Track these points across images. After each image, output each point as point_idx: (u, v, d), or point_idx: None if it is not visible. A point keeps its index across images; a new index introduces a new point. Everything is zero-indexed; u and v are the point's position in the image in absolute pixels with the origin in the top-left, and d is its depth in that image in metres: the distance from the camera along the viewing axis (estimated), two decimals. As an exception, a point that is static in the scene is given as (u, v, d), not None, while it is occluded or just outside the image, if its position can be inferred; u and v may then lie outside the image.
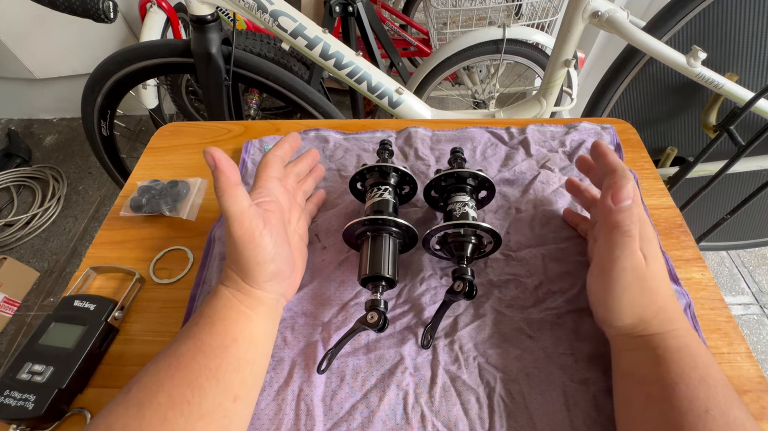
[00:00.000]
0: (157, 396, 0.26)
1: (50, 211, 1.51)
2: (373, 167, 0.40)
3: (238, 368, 0.28)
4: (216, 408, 0.27)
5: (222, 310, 0.30)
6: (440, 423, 0.31)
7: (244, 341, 0.30)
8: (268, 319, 0.32)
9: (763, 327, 1.24)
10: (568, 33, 0.78)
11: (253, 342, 0.30)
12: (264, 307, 0.32)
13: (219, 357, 0.28)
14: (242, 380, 0.29)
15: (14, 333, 1.22)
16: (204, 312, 0.30)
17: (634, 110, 0.87)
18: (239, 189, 0.29)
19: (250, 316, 0.31)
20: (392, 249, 0.36)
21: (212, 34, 0.77)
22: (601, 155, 0.34)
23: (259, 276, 0.31)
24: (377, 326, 0.31)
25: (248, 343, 0.30)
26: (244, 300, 0.31)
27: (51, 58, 1.56)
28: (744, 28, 0.73)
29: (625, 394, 0.29)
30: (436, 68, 1.13)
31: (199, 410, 0.26)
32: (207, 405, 0.26)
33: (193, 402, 0.26)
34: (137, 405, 0.25)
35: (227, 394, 0.27)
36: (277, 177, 0.37)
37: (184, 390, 0.26)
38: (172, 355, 0.28)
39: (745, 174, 0.88)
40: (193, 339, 0.28)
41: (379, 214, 0.37)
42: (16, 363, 0.32)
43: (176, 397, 0.26)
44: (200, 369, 0.27)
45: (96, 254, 0.42)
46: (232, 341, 0.29)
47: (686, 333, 0.29)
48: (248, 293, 0.31)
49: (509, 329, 0.35)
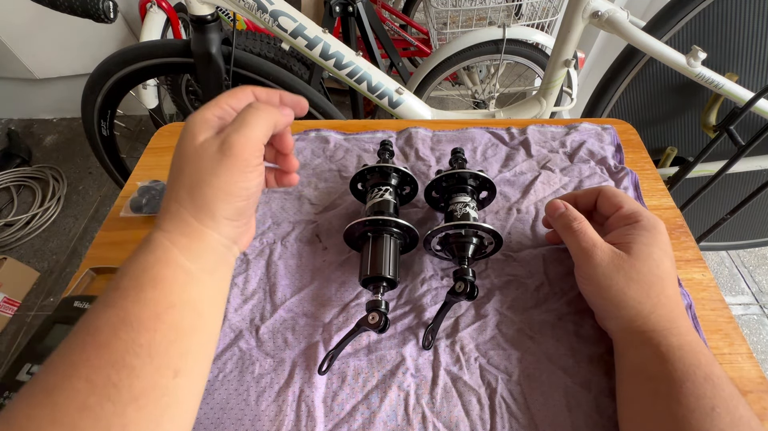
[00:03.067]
0: (72, 380, 0.21)
1: (50, 211, 1.50)
2: (373, 168, 0.40)
3: (177, 339, 0.24)
4: (152, 388, 0.22)
5: (154, 267, 0.24)
6: (441, 424, 0.31)
7: (184, 307, 0.24)
8: (216, 274, 0.27)
9: (763, 326, 1.24)
10: (568, 33, 0.78)
11: (196, 308, 0.25)
12: (211, 256, 0.27)
13: (151, 329, 0.23)
14: (183, 352, 0.24)
15: (14, 333, 1.22)
16: (128, 272, 0.24)
17: (634, 110, 0.87)
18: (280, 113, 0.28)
19: (191, 272, 0.25)
20: (393, 250, 0.36)
21: (212, 34, 0.77)
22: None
23: (223, 208, 0.26)
24: (378, 327, 0.31)
25: (189, 309, 0.25)
26: (185, 249, 0.25)
27: (51, 58, 1.56)
28: (744, 28, 0.73)
29: (631, 391, 0.29)
30: (436, 68, 1.13)
31: (129, 392, 0.21)
32: (140, 386, 0.22)
33: (121, 384, 0.21)
34: (46, 391, 0.21)
35: (165, 370, 0.23)
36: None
37: (107, 371, 0.21)
38: (87, 330, 0.22)
39: (745, 174, 0.88)
40: (114, 309, 0.23)
41: (380, 214, 0.37)
42: (17, 364, 0.32)
43: (98, 380, 0.21)
44: (126, 345, 0.22)
45: (96, 255, 0.42)
46: (167, 308, 0.24)
47: (687, 331, 0.29)
48: (195, 236, 0.26)
49: (510, 330, 0.35)
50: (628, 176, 0.46)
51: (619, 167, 0.47)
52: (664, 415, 0.26)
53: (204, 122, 0.27)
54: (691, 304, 0.36)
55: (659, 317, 0.29)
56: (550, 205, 0.37)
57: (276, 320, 0.36)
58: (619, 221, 0.34)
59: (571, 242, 0.34)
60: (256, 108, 0.27)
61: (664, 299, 0.30)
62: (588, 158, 0.48)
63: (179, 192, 0.26)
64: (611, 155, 0.48)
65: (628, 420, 0.29)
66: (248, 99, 0.30)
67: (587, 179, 0.46)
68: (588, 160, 0.48)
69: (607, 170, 0.47)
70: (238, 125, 0.26)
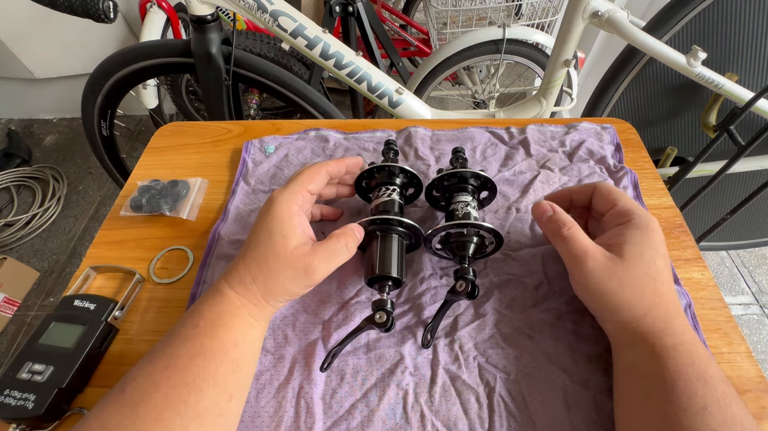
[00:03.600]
0: (153, 396, 0.26)
1: (50, 211, 1.51)
2: (382, 167, 0.40)
3: (236, 370, 0.29)
4: (212, 408, 0.27)
5: (227, 317, 0.30)
6: (440, 422, 0.31)
7: (245, 346, 0.30)
8: (266, 324, 0.33)
9: (763, 326, 1.24)
10: (568, 33, 0.78)
11: (252, 347, 0.31)
12: (267, 317, 0.33)
13: (218, 360, 0.28)
14: (238, 381, 0.29)
15: (14, 333, 1.22)
16: (205, 315, 0.30)
17: (634, 110, 0.88)
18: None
19: (253, 324, 0.31)
20: (400, 250, 0.36)
21: (212, 34, 0.77)
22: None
23: (285, 298, 0.32)
24: (385, 326, 0.31)
25: (247, 347, 0.30)
26: (252, 311, 0.31)
27: (51, 58, 1.56)
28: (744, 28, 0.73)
29: (625, 389, 0.29)
30: (436, 68, 1.13)
31: (195, 409, 0.26)
32: (203, 405, 0.26)
33: (190, 401, 0.26)
34: (132, 404, 0.25)
35: (224, 394, 0.28)
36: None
37: (181, 390, 0.26)
38: (169, 356, 0.28)
39: (745, 174, 0.88)
40: (192, 342, 0.28)
41: (386, 214, 0.37)
42: (17, 362, 0.32)
43: (172, 397, 0.26)
44: (198, 371, 0.27)
45: (96, 254, 0.42)
46: (232, 346, 0.29)
47: (682, 330, 0.29)
48: (261, 307, 0.31)
49: (509, 329, 0.35)
50: (627, 176, 0.46)
51: (619, 167, 0.47)
52: (657, 414, 0.26)
53: (291, 217, 0.32)
54: (690, 303, 0.36)
55: (654, 318, 0.29)
56: (537, 207, 0.36)
57: (276, 317, 0.36)
58: (613, 219, 0.34)
59: (562, 249, 0.33)
60: (345, 248, 0.33)
61: (658, 299, 0.30)
62: (587, 158, 0.48)
63: (257, 274, 0.31)
64: (611, 155, 0.48)
65: (622, 418, 0.29)
66: (324, 180, 0.37)
67: (587, 178, 0.46)
68: (587, 159, 0.48)
69: (606, 170, 0.47)
70: (326, 257, 0.32)
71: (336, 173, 0.38)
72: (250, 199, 0.46)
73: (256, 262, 0.31)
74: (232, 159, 0.51)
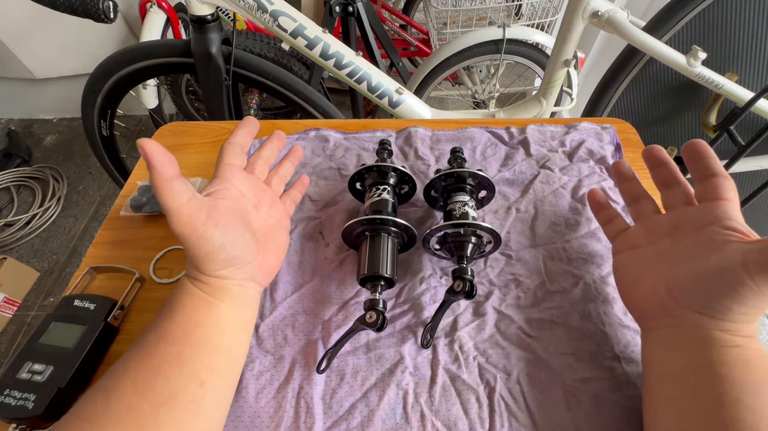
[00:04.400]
0: (122, 382, 0.26)
1: (50, 211, 1.51)
2: (371, 167, 0.40)
3: (202, 352, 0.28)
4: (181, 393, 0.27)
5: (182, 298, 0.30)
6: (440, 422, 0.31)
7: (208, 326, 0.29)
8: (235, 305, 0.31)
9: (763, 327, 1.24)
10: (568, 33, 0.78)
11: (219, 326, 0.30)
12: (227, 293, 0.31)
13: (180, 343, 0.28)
14: (209, 365, 0.28)
15: (14, 333, 1.22)
16: (167, 303, 0.30)
17: (634, 110, 0.88)
18: (175, 183, 0.28)
19: (211, 302, 0.30)
20: (391, 249, 0.36)
21: (212, 34, 0.77)
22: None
23: (209, 266, 0.30)
24: (376, 325, 0.31)
25: (213, 327, 0.30)
26: (204, 288, 0.30)
27: (51, 58, 1.56)
28: (744, 28, 0.73)
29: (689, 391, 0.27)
30: (436, 68, 1.13)
31: (162, 395, 0.26)
32: (170, 390, 0.26)
33: (156, 387, 0.26)
34: (103, 391, 0.26)
35: (192, 379, 0.27)
36: (233, 164, 0.35)
37: (147, 376, 0.26)
38: (139, 344, 0.28)
39: (745, 174, 0.88)
40: (156, 328, 0.29)
41: (377, 214, 0.37)
42: (16, 362, 0.32)
43: (140, 383, 0.26)
44: (161, 355, 0.27)
45: (96, 254, 0.42)
46: (194, 326, 0.29)
47: None
48: (207, 281, 0.31)
49: (509, 329, 0.35)
50: (627, 176, 0.46)
51: (619, 167, 0.47)
52: (730, 420, 0.24)
53: None
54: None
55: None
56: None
57: (276, 318, 0.37)
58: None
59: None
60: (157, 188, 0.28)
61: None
62: (587, 158, 0.48)
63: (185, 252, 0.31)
64: (610, 155, 0.48)
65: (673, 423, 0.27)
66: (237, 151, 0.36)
67: (586, 178, 0.46)
68: (587, 159, 0.48)
69: (606, 170, 0.47)
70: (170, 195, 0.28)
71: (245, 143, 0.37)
72: (250, 199, 0.46)
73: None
74: (232, 159, 0.51)
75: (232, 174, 0.34)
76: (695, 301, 0.28)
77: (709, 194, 0.31)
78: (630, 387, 0.32)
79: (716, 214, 0.29)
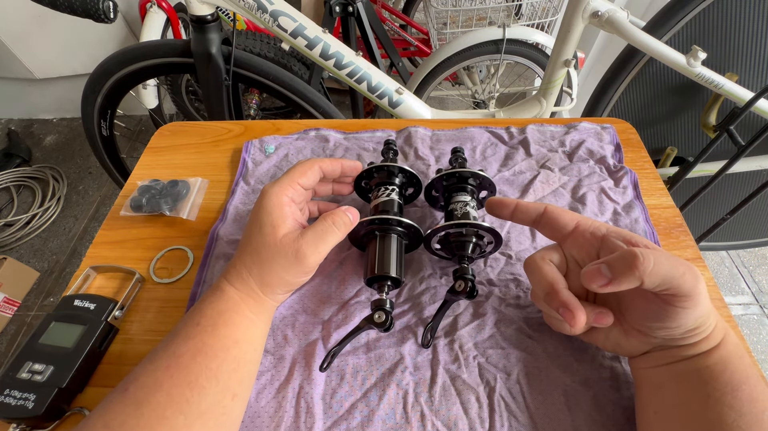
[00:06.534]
0: (156, 395, 0.26)
1: (50, 211, 1.51)
2: (382, 167, 0.40)
3: (238, 368, 0.29)
4: (215, 406, 0.27)
5: (227, 314, 0.30)
6: (440, 422, 0.31)
7: (245, 343, 0.30)
8: (267, 322, 0.33)
9: (763, 326, 1.24)
10: (568, 33, 0.78)
11: (253, 344, 0.31)
12: (268, 313, 0.33)
13: (220, 358, 0.28)
14: (240, 379, 0.29)
15: (14, 333, 1.22)
16: (206, 313, 0.30)
17: (634, 110, 0.88)
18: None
19: (253, 320, 0.31)
20: (399, 250, 0.36)
21: (212, 34, 0.77)
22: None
23: (283, 289, 0.32)
24: (384, 326, 0.31)
25: (248, 345, 0.30)
26: (252, 307, 0.31)
27: (51, 58, 1.56)
28: (744, 28, 0.73)
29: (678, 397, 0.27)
30: (436, 68, 1.13)
31: (198, 408, 0.26)
32: (206, 404, 0.27)
33: (193, 400, 0.26)
34: (135, 403, 0.25)
35: (226, 393, 0.28)
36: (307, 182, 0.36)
37: (183, 389, 0.26)
38: (171, 355, 0.28)
39: (745, 174, 0.88)
40: (194, 340, 0.28)
41: (385, 214, 0.37)
42: (16, 362, 0.32)
43: (175, 396, 0.26)
44: (200, 369, 0.27)
45: (96, 254, 0.42)
46: (233, 343, 0.29)
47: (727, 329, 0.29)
48: (260, 301, 0.32)
49: (509, 328, 0.35)
50: (627, 176, 0.46)
51: (619, 167, 0.47)
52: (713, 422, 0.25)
53: (280, 207, 0.32)
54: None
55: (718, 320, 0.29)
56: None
57: (276, 318, 0.36)
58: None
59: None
60: (333, 227, 0.32)
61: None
62: (587, 157, 0.48)
63: (252, 266, 0.31)
64: (610, 155, 0.48)
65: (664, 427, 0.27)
66: (316, 175, 0.36)
67: (586, 178, 0.46)
68: (587, 159, 0.48)
69: (606, 169, 0.47)
70: (314, 239, 0.31)
71: (330, 171, 0.37)
72: (249, 199, 0.46)
73: (250, 255, 0.32)
74: (232, 159, 0.51)
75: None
76: (655, 336, 0.29)
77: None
78: (630, 387, 0.32)
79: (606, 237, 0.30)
